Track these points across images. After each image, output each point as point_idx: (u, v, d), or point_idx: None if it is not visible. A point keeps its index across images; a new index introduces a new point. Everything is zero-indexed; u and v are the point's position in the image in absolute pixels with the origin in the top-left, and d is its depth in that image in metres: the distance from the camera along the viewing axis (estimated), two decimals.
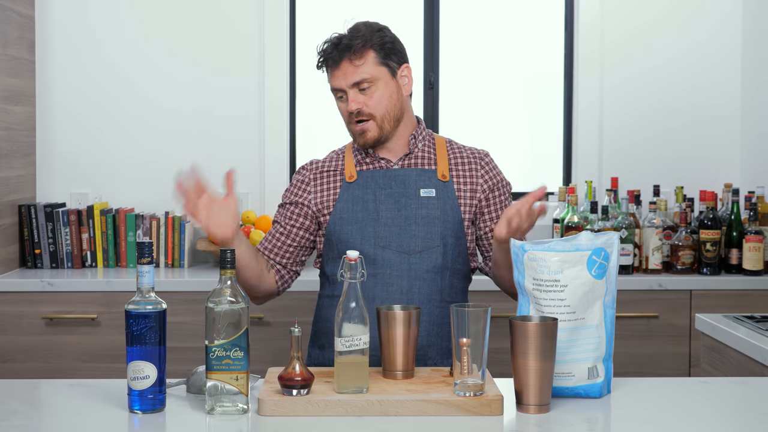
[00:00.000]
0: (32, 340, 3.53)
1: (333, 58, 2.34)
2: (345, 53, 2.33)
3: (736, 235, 3.76)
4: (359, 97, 2.34)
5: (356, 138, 2.40)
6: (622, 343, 3.47)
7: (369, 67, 2.34)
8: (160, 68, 4.09)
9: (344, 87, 2.35)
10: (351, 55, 2.33)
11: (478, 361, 1.87)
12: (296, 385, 1.86)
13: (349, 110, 2.35)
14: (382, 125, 2.37)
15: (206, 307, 1.85)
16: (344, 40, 2.34)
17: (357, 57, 2.33)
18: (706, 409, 1.94)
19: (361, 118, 2.35)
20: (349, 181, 2.41)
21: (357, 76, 2.33)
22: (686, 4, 4.19)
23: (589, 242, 1.98)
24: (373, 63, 2.34)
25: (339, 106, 2.40)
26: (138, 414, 1.85)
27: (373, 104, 2.35)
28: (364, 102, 2.34)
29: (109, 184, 4.09)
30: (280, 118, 4.12)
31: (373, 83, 2.34)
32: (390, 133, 2.39)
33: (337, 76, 2.35)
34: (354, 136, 2.40)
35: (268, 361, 3.32)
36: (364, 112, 2.35)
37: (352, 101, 2.34)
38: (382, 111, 2.36)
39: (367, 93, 2.34)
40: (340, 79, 2.35)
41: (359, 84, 2.33)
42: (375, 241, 2.36)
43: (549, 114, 4.32)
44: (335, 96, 2.39)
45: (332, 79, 2.37)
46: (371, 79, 2.34)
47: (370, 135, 2.37)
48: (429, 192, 2.39)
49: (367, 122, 2.36)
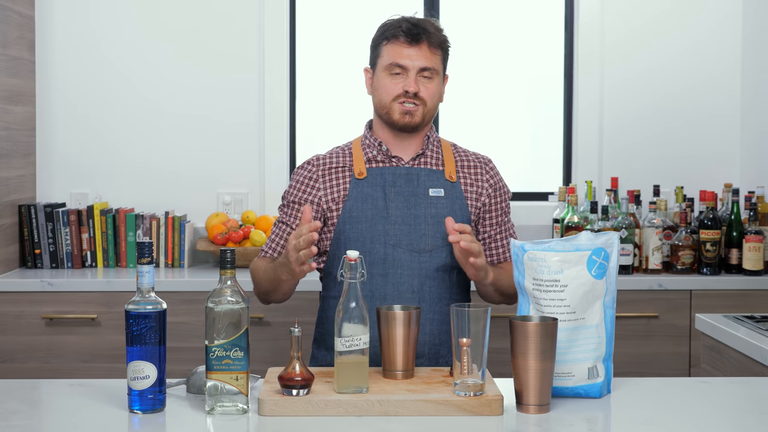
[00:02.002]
0: (32, 340, 3.53)
1: (412, 36, 2.37)
2: (424, 37, 2.38)
3: (736, 235, 3.76)
4: (419, 81, 2.38)
5: (397, 116, 2.39)
6: (622, 343, 3.48)
7: (437, 61, 2.41)
8: (161, 68, 4.09)
9: (411, 66, 2.37)
10: (431, 42, 2.38)
11: (478, 361, 1.87)
12: (296, 385, 1.86)
13: (408, 89, 2.37)
14: (425, 115, 2.41)
15: (206, 307, 1.85)
16: (427, 27, 2.39)
17: (434, 47, 2.39)
18: (706, 409, 1.94)
19: (413, 101, 2.38)
20: (359, 178, 2.41)
21: (429, 63, 2.38)
22: (686, 4, 4.19)
23: (589, 242, 1.98)
24: (440, 59, 2.42)
25: (388, 82, 2.40)
26: (138, 414, 1.85)
27: (428, 93, 2.40)
28: (423, 88, 2.38)
29: (109, 184, 4.09)
30: (280, 118, 4.12)
31: (435, 76, 2.40)
32: (422, 126, 2.43)
33: (410, 54, 2.37)
34: (393, 114, 2.40)
35: (268, 361, 3.32)
36: (420, 96, 2.38)
37: (414, 82, 2.37)
38: (432, 103, 2.41)
39: (428, 82, 2.39)
40: (413, 57, 2.37)
41: (425, 70, 2.38)
42: (385, 239, 2.36)
43: (549, 114, 4.31)
44: (389, 71, 2.39)
45: (399, 55, 2.38)
46: (436, 71, 2.40)
47: (416, 119, 2.39)
48: (438, 192, 2.40)
49: (417, 106, 2.39)
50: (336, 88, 4.25)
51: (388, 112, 2.40)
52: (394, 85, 2.38)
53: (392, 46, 2.38)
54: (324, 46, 4.26)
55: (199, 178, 4.09)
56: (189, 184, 4.09)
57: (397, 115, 2.39)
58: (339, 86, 4.24)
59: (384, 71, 2.39)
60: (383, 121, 2.43)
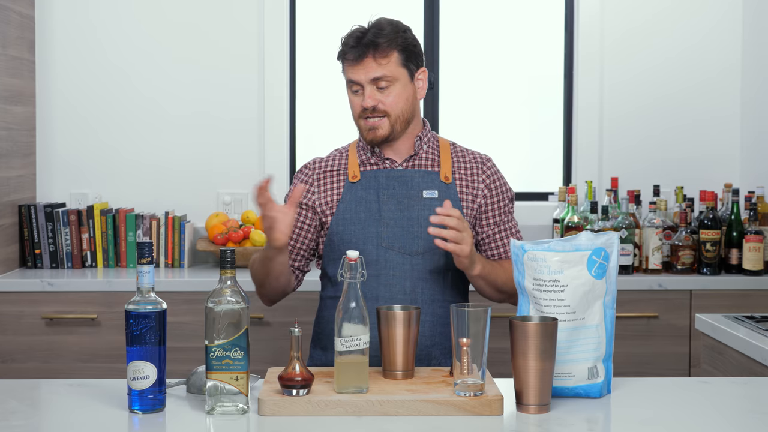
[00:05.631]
0: (32, 340, 3.53)
1: (356, 53, 2.33)
2: (369, 49, 2.32)
3: (736, 235, 3.76)
4: (376, 93, 2.34)
5: (364, 133, 2.39)
6: (622, 343, 3.48)
7: (391, 67, 2.34)
8: (161, 68, 4.09)
9: (363, 81, 2.34)
10: (375, 52, 2.32)
11: (478, 361, 1.87)
12: (296, 385, 1.86)
13: (365, 105, 2.34)
14: (394, 125, 2.37)
15: (206, 307, 1.85)
16: (369, 36, 2.33)
17: (381, 55, 2.32)
18: (706, 409, 1.94)
19: (375, 115, 2.35)
20: (352, 181, 2.41)
21: (378, 73, 2.32)
22: (686, 4, 4.19)
23: (589, 242, 1.98)
24: (395, 63, 2.34)
25: (352, 99, 2.38)
26: (138, 414, 1.85)
27: (389, 103, 2.34)
28: (381, 99, 2.34)
29: (109, 184, 4.09)
30: (280, 117, 4.12)
31: (393, 83, 2.34)
32: (399, 134, 2.39)
33: (357, 70, 2.34)
34: (362, 131, 2.39)
35: (268, 361, 3.32)
36: (379, 109, 2.34)
37: (369, 97, 2.33)
38: (397, 111, 2.36)
39: (385, 91, 2.34)
40: (360, 73, 2.33)
41: (378, 81, 2.33)
42: (378, 241, 2.36)
43: (549, 114, 4.31)
44: (349, 89, 2.38)
45: (351, 72, 2.35)
46: (392, 78, 2.34)
47: (381, 132, 2.36)
48: (431, 193, 2.39)
49: (380, 119, 2.35)
50: (336, 87, 4.22)
51: (358, 128, 2.41)
52: (356, 102, 2.37)
53: (346, 64, 2.37)
54: (324, 44, 4.26)
55: (199, 177, 4.09)
56: (189, 184, 4.09)
57: (364, 132, 2.39)
58: (339, 85, 4.20)
59: (348, 89, 2.39)
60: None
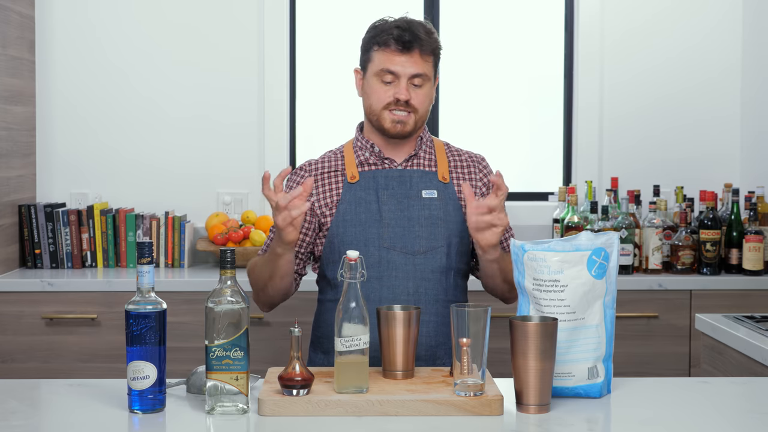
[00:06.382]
0: (32, 340, 3.53)
1: (405, 42, 2.32)
2: (416, 44, 2.33)
3: (736, 235, 3.76)
4: (410, 88, 2.35)
5: (387, 125, 2.36)
6: (622, 343, 3.48)
7: (429, 67, 2.36)
8: (161, 68, 4.09)
9: (402, 73, 2.33)
10: (422, 48, 2.33)
11: (478, 361, 1.87)
12: (296, 385, 1.86)
13: (400, 97, 2.33)
14: (417, 122, 2.38)
15: (206, 307, 1.85)
16: (419, 32, 2.34)
17: (426, 53, 2.34)
18: (706, 409, 1.94)
19: (405, 109, 2.35)
20: (351, 182, 2.40)
21: (420, 69, 2.33)
22: (686, 4, 4.19)
23: (589, 242, 1.98)
24: (431, 65, 2.37)
25: (379, 88, 2.36)
26: (138, 414, 1.85)
27: (419, 100, 2.36)
28: (413, 95, 2.35)
29: (109, 184, 4.09)
30: (280, 117, 4.12)
31: (426, 82, 2.36)
32: (415, 132, 2.41)
33: (401, 61, 2.33)
34: (384, 122, 2.37)
35: (268, 361, 3.32)
36: (411, 103, 2.34)
37: (405, 89, 2.33)
38: (422, 110, 2.38)
39: (418, 89, 2.35)
40: (406, 64, 2.33)
41: (416, 77, 2.34)
42: (379, 242, 2.35)
43: (549, 114, 4.32)
44: (380, 78, 2.35)
45: (390, 62, 2.34)
46: (427, 77, 2.36)
47: (407, 128, 2.36)
48: (431, 193, 2.39)
49: (408, 114, 2.36)
50: (336, 88, 4.25)
51: (379, 119, 2.37)
52: (384, 92, 2.35)
53: (383, 52, 2.34)
54: (324, 46, 4.26)
55: (199, 178, 4.09)
56: (189, 184, 4.09)
57: (388, 123, 2.36)
58: (339, 86, 4.23)
59: (374, 77, 2.36)
60: (374, 127, 2.41)
